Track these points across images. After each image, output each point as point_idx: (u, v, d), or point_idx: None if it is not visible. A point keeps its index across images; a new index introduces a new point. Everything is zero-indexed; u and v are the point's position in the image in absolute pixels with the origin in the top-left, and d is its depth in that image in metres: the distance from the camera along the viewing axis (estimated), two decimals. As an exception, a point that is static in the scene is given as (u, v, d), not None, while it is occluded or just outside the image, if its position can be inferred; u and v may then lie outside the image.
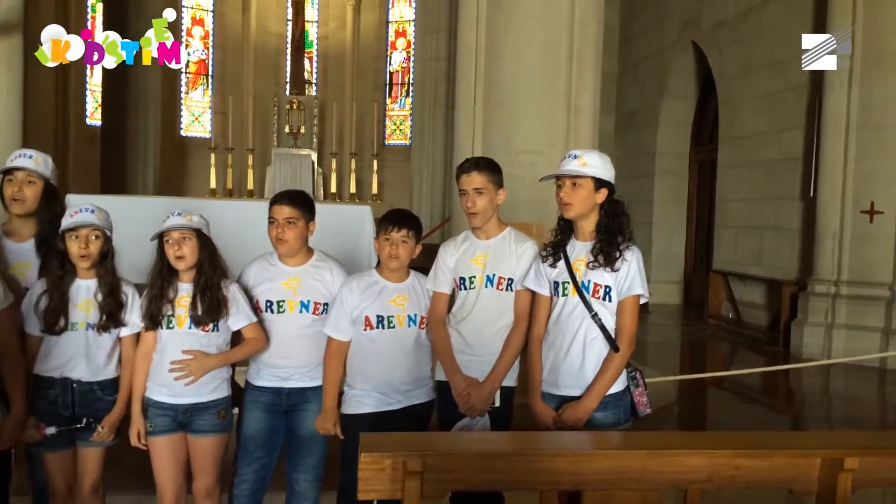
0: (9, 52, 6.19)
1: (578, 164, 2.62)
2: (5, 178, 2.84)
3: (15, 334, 2.65)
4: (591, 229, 2.64)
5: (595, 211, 2.64)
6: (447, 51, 11.55)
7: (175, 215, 2.72)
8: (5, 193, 2.83)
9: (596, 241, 2.60)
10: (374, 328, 2.82)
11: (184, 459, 2.84)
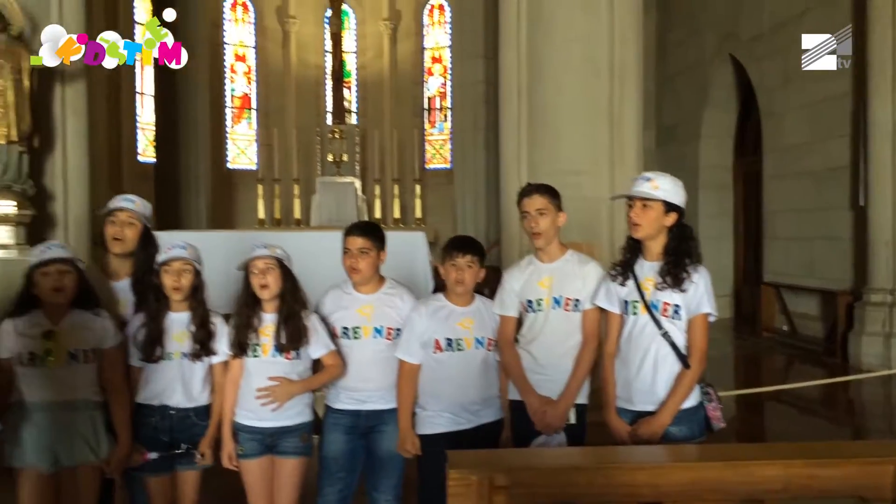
0: (75, 97, 6.50)
1: (650, 186, 2.71)
2: (107, 219, 3.04)
3: (123, 370, 2.84)
4: (659, 250, 2.72)
5: (663, 233, 2.72)
6: (485, 74, 11.73)
7: (260, 248, 2.88)
8: (107, 233, 3.02)
9: (664, 263, 2.69)
10: (444, 351, 2.94)
11: (272, 481, 2.98)
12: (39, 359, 2.67)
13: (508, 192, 6.84)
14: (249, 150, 15.99)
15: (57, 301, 2.73)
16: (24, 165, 5.99)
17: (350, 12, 15.47)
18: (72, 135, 6.53)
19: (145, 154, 14.40)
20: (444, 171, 15.04)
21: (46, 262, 2.72)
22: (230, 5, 15.35)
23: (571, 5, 6.33)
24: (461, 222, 12.14)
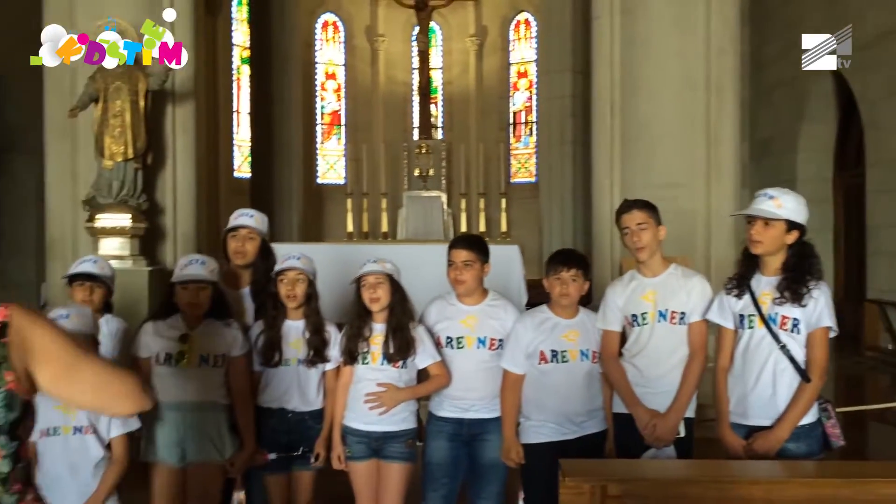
0: (185, 117, 6.85)
1: (773, 205, 2.69)
2: (229, 234, 3.25)
3: (248, 377, 3.02)
4: (777, 266, 2.70)
5: (783, 250, 2.70)
6: (572, 89, 11.70)
7: (371, 262, 3.01)
8: (230, 247, 3.23)
9: (782, 279, 2.66)
10: (549, 362, 2.99)
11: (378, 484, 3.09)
12: (173, 359, 2.88)
13: (600, 206, 6.84)
14: (338, 166, 16.40)
15: (193, 313, 2.94)
16: (138, 181, 6.34)
17: (437, 29, 15.72)
18: (181, 152, 6.89)
19: (240, 170, 14.96)
20: (530, 184, 15.04)
21: (185, 281, 2.93)
22: (321, 25, 15.83)
23: (666, 21, 6.32)
24: (547, 236, 12.12)
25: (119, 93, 6.18)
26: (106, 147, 6.19)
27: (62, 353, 1.44)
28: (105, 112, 6.17)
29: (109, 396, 1.49)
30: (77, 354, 1.46)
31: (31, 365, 1.41)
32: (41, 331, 1.43)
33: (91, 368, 1.46)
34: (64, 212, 6.68)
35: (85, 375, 1.45)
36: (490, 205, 14.54)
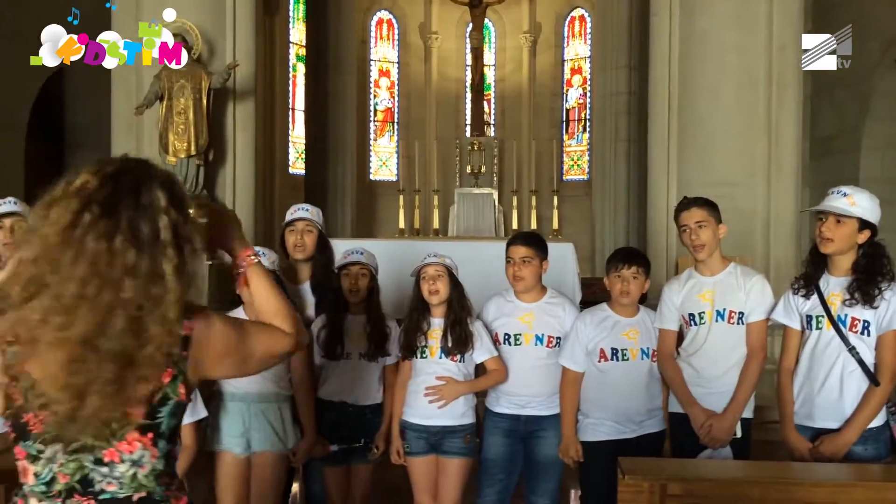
0: (244, 115, 7.01)
1: (847, 202, 2.65)
2: (287, 229, 3.32)
3: (309, 370, 3.09)
4: (847, 266, 2.66)
5: (853, 249, 2.66)
6: (627, 86, 11.59)
7: (431, 256, 3.05)
8: (288, 241, 3.31)
9: (853, 280, 2.62)
10: (609, 360, 2.99)
11: (436, 479, 3.14)
12: None
13: (656, 204, 6.77)
14: (391, 162, 16.52)
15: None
16: (200, 177, 6.52)
17: (491, 26, 15.70)
18: (240, 149, 7.05)
19: (295, 166, 15.18)
20: (582, 182, 14.94)
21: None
22: (376, 23, 15.97)
23: (726, 17, 6.23)
24: (600, 233, 12.02)
25: (183, 91, 6.35)
26: (170, 143, 6.38)
27: (236, 345, 1.50)
28: (169, 110, 6.35)
29: (267, 359, 1.59)
30: (243, 339, 1.52)
31: (207, 369, 1.48)
32: (218, 334, 1.47)
33: (253, 346, 1.53)
34: (129, 206, 6.90)
35: (252, 356, 1.53)
36: (542, 202, 14.48)
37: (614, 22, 11.81)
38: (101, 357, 1.31)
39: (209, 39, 6.69)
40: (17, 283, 1.33)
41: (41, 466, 1.39)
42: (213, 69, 6.53)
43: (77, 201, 1.34)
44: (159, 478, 1.43)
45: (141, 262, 1.34)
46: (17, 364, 1.35)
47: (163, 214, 1.37)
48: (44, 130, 10.53)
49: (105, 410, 1.33)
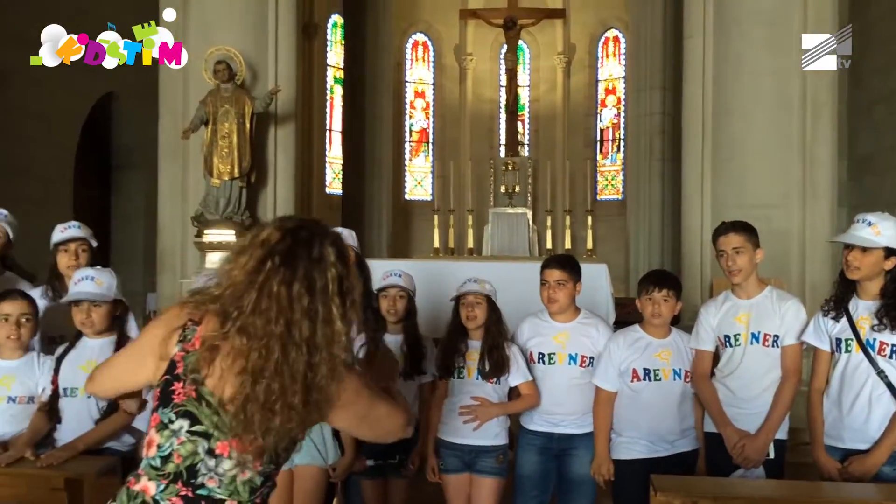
0: (285, 137, 7.23)
1: (872, 232, 2.70)
2: None
3: None
4: (876, 291, 2.71)
5: (881, 274, 2.71)
6: (661, 106, 11.63)
7: (471, 282, 3.16)
8: None
9: (881, 305, 2.67)
10: (641, 380, 3.06)
11: (469, 496, 3.22)
12: None
13: (690, 225, 6.81)
14: (425, 182, 16.70)
15: None
16: (243, 199, 6.72)
17: (525, 48, 15.86)
18: (281, 171, 7.26)
19: (332, 186, 15.44)
20: (616, 202, 14.95)
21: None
22: (411, 45, 16.22)
23: (760, 40, 6.28)
24: (634, 254, 12.03)
25: (227, 116, 6.57)
26: (214, 166, 6.60)
27: (362, 404, 1.67)
28: (214, 134, 6.57)
29: (382, 434, 1.77)
30: (370, 402, 1.69)
31: (332, 410, 1.61)
32: (350, 386, 1.62)
33: (374, 413, 1.70)
34: (174, 226, 7.12)
35: (369, 421, 1.70)
36: (576, 222, 14.51)
37: (648, 43, 11.89)
38: (294, 385, 1.53)
39: (252, 65, 6.91)
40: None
41: (164, 438, 1.56)
42: (255, 94, 6.75)
43: (262, 251, 1.58)
44: (253, 493, 1.57)
45: (315, 306, 1.56)
46: (199, 362, 1.56)
47: (331, 268, 1.58)
48: (92, 151, 10.89)
49: (290, 429, 1.54)
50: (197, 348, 1.58)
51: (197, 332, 1.59)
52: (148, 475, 1.57)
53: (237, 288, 1.57)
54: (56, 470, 2.52)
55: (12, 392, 2.86)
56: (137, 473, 1.60)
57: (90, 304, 2.85)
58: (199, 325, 1.60)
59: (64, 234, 3.37)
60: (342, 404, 1.61)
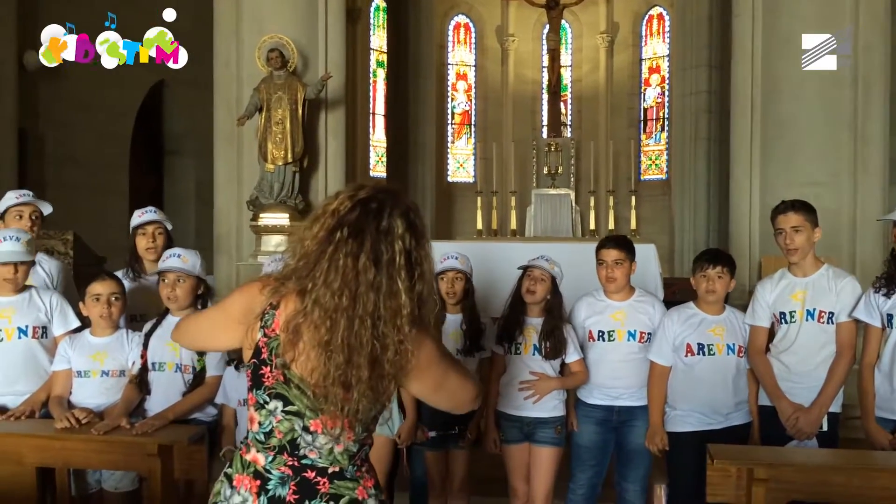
0: (335, 123, 7.39)
1: None
2: None
3: None
4: None
5: None
6: (707, 84, 11.53)
7: (543, 259, 3.29)
8: None
9: None
10: (695, 355, 3.16)
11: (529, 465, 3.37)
12: None
13: (738, 205, 6.81)
14: (468, 164, 16.77)
15: None
16: (296, 183, 6.91)
17: (567, 27, 15.79)
18: (331, 155, 7.43)
19: (375, 169, 15.63)
20: (660, 181, 14.87)
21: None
22: (453, 27, 16.26)
23: (810, 18, 6.22)
24: (679, 233, 11.99)
25: (280, 102, 6.75)
26: (269, 152, 6.79)
27: (436, 372, 1.70)
28: (268, 120, 6.76)
29: (456, 403, 1.80)
30: (445, 371, 1.72)
31: (406, 378, 1.66)
32: (426, 353, 1.65)
33: (450, 382, 1.73)
34: (230, 211, 7.35)
35: (445, 390, 1.74)
36: (619, 202, 14.47)
37: (694, 21, 11.77)
38: (358, 358, 1.58)
39: (303, 52, 7.08)
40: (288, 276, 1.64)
41: (263, 416, 1.68)
42: (306, 80, 6.92)
43: (332, 221, 1.61)
44: (352, 458, 1.70)
45: (380, 279, 1.58)
46: (283, 347, 1.61)
47: (398, 240, 1.59)
48: (145, 138, 11.22)
49: (366, 402, 1.60)
50: (278, 333, 1.62)
51: (276, 316, 1.64)
52: (256, 448, 1.70)
53: (309, 259, 1.60)
54: (150, 437, 2.72)
55: (105, 366, 3.08)
56: (247, 443, 1.72)
57: (176, 280, 3.04)
58: (277, 310, 1.64)
59: (141, 218, 3.57)
60: (418, 371, 1.64)
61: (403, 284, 1.58)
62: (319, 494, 1.65)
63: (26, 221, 3.51)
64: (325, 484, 1.66)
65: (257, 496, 1.65)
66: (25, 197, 3.59)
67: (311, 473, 1.66)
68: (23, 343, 3.12)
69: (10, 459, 2.80)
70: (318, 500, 1.64)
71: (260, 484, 1.66)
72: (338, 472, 1.68)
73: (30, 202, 3.58)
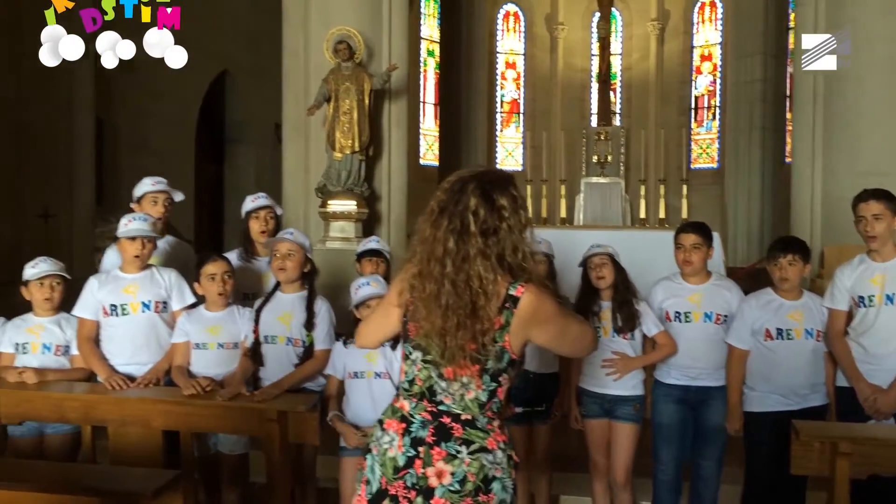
0: (398, 112, 7.60)
1: None
2: None
3: None
4: None
5: None
6: (763, 73, 11.49)
7: (595, 246, 3.46)
8: None
9: None
10: (774, 339, 3.29)
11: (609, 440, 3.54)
12: None
13: (799, 195, 6.86)
14: (516, 153, 16.88)
15: None
16: (362, 171, 7.13)
17: (618, 15, 15.76)
18: (394, 144, 7.64)
19: (425, 157, 15.83)
20: (711, 170, 14.81)
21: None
22: (503, 16, 16.34)
23: (874, 5, 6.23)
24: (732, 222, 11.99)
25: (348, 93, 6.98)
26: (336, 141, 7.02)
27: (558, 321, 1.97)
28: (336, 110, 6.98)
29: (580, 348, 2.10)
30: (565, 321, 2.00)
31: (532, 329, 1.91)
32: (546, 305, 1.91)
33: (571, 329, 2.01)
34: (297, 197, 7.61)
35: (569, 335, 2.01)
36: (669, 191, 14.45)
37: (749, 8, 11.71)
38: (447, 309, 1.89)
39: (368, 43, 7.29)
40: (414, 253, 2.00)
41: (408, 366, 1.99)
42: (371, 71, 7.12)
43: (432, 203, 1.99)
44: (482, 407, 1.92)
45: (456, 247, 1.89)
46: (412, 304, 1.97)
47: (470, 214, 1.89)
48: (208, 127, 11.57)
49: (454, 342, 1.88)
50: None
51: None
52: (402, 396, 1.99)
53: (419, 235, 1.97)
54: (269, 404, 2.96)
55: (220, 339, 3.33)
56: (397, 394, 2.02)
57: (287, 253, 3.28)
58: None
59: (254, 203, 3.82)
60: (539, 324, 1.90)
61: (474, 248, 1.87)
62: (453, 438, 1.89)
63: (160, 207, 3.81)
64: (459, 429, 1.90)
65: (402, 436, 1.92)
66: (160, 185, 3.86)
67: (446, 419, 1.91)
68: (146, 317, 3.39)
69: (140, 422, 3.07)
70: (451, 443, 1.89)
71: (405, 426, 1.93)
72: (470, 421, 1.91)
73: (164, 190, 3.85)
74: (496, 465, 1.91)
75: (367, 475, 1.97)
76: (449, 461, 1.87)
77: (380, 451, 1.94)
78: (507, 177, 2.02)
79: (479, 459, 1.88)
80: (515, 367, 1.96)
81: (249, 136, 12.10)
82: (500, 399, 1.96)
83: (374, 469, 1.94)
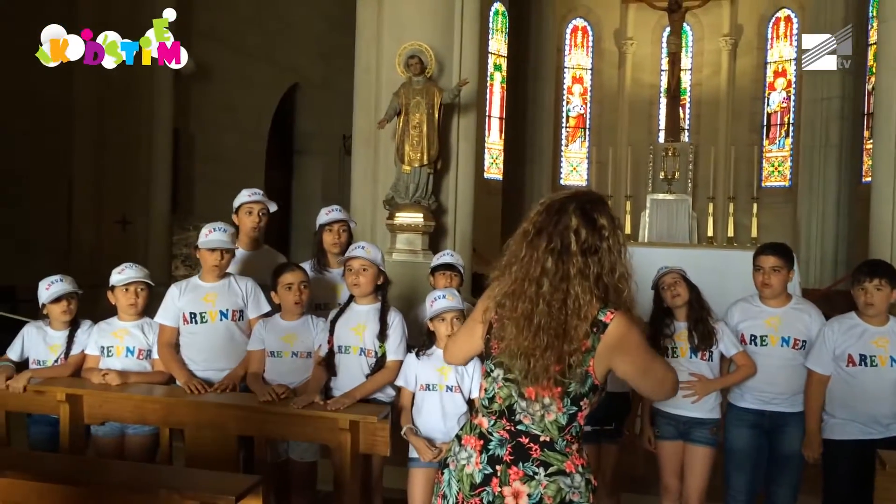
0: (467, 126, 7.64)
1: None
2: None
3: None
4: None
5: None
6: (840, 90, 11.16)
7: (664, 267, 3.40)
8: None
9: None
10: (857, 365, 3.18)
11: (682, 463, 3.46)
12: None
13: (878, 214, 6.65)
14: (581, 168, 16.77)
15: None
16: (430, 184, 7.19)
17: (689, 30, 15.56)
18: (462, 158, 7.68)
19: (489, 171, 15.86)
20: (783, 189, 14.44)
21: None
22: (570, 31, 16.31)
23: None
24: (805, 241, 11.65)
25: (418, 107, 7.05)
26: (406, 154, 7.09)
27: (644, 356, 1.97)
28: (406, 124, 7.06)
29: (661, 390, 2.07)
30: (651, 358, 2.00)
31: (616, 358, 1.90)
32: (634, 336, 1.91)
33: (655, 370, 2.00)
34: (365, 209, 7.72)
35: (651, 376, 2.00)
36: (739, 209, 14.15)
37: (827, 24, 11.40)
38: (538, 328, 1.88)
39: (439, 58, 7.36)
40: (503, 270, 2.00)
41: (489, 383, 2.00)
42: (442, 85, 7.18)
43: (527, 224, 1.99)
44: (562, 430, 1.92)
45: (555, 266, 1.89)
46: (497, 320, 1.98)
47: (572, 234, 1.89)
48: (278, 138, 11.85)
49: (540, 362, 1.88)
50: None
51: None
52: (481, 412, 2.00)
53: (511, 255, 1.96)
54: (342, 413, 3.00)
55: (295, 347, 3.40)
56: (476, 410, 2.04)
57: (361, 268, 3.32)
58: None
59: (328, 216, 3.88)
60: (622, 351, 1.88)
61: (575, 268, 1.86)
62: (531, 459, 1.89)
63: (255, 217, 3.91)
64: (537, 450, 1.90)
65: (480, 453, 1.93)
66: (256, 196, 3.97)
67: (524, 439, 1.91)
68: (224, 325, 3.49)
69: (216, 426, 3.15)
70: (529, 464, 1.89)
71: (483, 444, 1.94)
72: (548, 442, 1.90)
73: (259, 200, 3.95)
74: (574, 489, 1.90)
75: (443, 489, 1.98)
76: (526, 482, 1.87)
77: (457, 466, 1.96)
78: (604, 198, 2.02)
79: (557, 482, 1.88)
80: (597, 394, 1.96)
81: (317, 147, 12.35)
82: (579, 423, 1.96)
83: (451, 484, 1.96)
